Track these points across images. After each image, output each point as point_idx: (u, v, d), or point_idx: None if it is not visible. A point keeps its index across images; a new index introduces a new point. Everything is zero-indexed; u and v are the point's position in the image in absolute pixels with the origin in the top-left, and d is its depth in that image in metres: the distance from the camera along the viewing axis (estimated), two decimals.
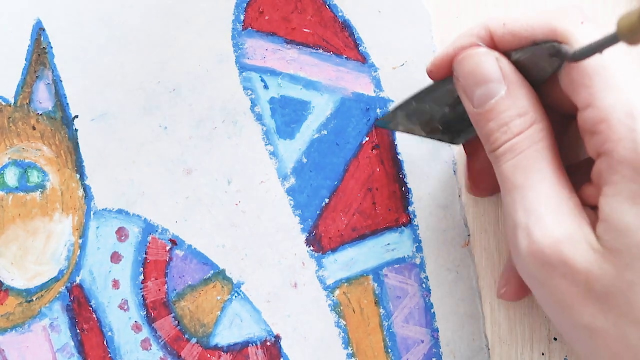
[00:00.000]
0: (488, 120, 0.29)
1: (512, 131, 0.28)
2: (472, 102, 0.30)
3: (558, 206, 0.27)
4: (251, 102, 0.36)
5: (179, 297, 0.36)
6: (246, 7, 0.36)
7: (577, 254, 0.26)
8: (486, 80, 0.29)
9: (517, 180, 0.28)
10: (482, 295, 0.36)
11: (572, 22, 0.27)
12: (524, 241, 0.27)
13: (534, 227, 0.27)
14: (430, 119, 0.33)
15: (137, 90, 0.36)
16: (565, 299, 0.27)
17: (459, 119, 0.33)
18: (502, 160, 0.28)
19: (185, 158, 0.36)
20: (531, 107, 0.28)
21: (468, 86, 0.30)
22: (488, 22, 0.30)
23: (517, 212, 0.28)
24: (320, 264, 0.36)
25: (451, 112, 0.33)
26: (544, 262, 0.27)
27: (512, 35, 0.29)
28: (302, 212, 0.36)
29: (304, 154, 0.36)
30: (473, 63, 0.29)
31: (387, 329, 0.36)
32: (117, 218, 0.36)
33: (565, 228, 0.27)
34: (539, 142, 0.28)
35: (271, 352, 0.36)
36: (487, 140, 0.29)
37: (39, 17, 0.36)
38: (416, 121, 0.33)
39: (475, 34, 0.30)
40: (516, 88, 0.29)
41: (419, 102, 0.33)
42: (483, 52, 0.29)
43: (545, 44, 0.28)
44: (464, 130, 0.33)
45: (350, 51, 0.36)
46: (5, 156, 0.36)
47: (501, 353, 0.36)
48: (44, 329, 0.36)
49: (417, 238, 0.36)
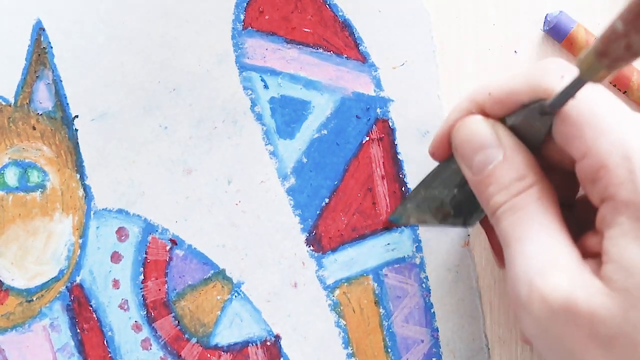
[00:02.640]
0: (487, 185, 0.29)
1: (512, 192, 0.28)
2: (471, 169, 0.30)
3: (559, 256, 0.27)
4: (251, 102, 0.36)
5: (179, 297, 0.36)
6: (246, 6, 0.36)
7: (580, 299, 0.26)
8: (483, 146, 0.29)
9: (516, 234, 0.28)
10: (482, 295, 0.36)
11: (553, 78, 0.28)
12: (525, 291, 0.27)
13: (536, 277, 0.27)
14: (440, 204, 0.33)
15: (137, 90, 0.36)
16: (569, 345, 0.26)
17: (469, 199, 0.33)
18: (502, 219, 0.28)
19: (185, 158, 0.36)
20: (529, 170, 0.28)
21: (466, 154, 0.30)
22: (474, 95, 0.30)
23: (517, 264, 0.27)
24: (320, 264, 0.36)
25: (460, 193, 0.33)
26: (547, 311, 0.26)
27: (500, 104, 0.29)
28: (302, 212, 0.36)
29: (304, 153, 0.36)
30: (469, 130, 0.30)
31: (387, 328, 0.36)
32: (117, 218, 0.36)
33: (567, 275, 0.26)
34: (539, 200, 0.28)
35: (271, 352, 0.36)
36: (487, 204, 0.29)
37: (39, 17, 0.36)
38: (427, 210, 0.34)
39: (466, 107, 0.30)
40: (513, 152, 0.29)
41: (427, 188, 0.33)
42: (478, 119, 0.30)
43: (532, 104, 0.28)
44: (476, 210, 0.33)
45: (351, 51, 0.36)
46: (6, 156, 0.36)
47: (501, 353, 0.36)
48: (44, 328, 0.36)
49: (417, 238, 0.36)
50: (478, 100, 0.30)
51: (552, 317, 0.26)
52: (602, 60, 0.22)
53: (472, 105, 0.30)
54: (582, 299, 0.26)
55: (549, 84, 0.28)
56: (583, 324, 0.26)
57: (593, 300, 0.26)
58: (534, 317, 0.27)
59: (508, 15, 0.37)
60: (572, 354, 0.26)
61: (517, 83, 0.29)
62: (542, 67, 0.28)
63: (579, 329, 0.26)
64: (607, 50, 0.22)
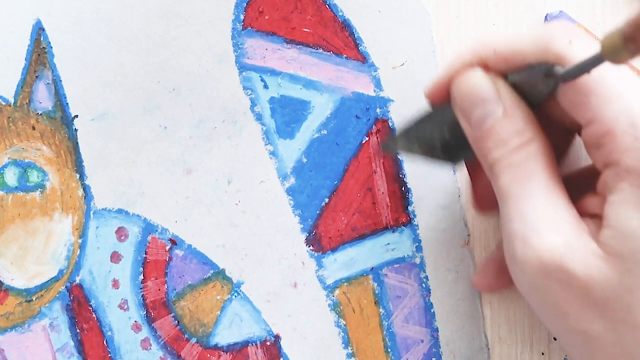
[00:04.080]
0: (486, 140, 0.29)
1: (510, 148, 0.28)
2: (469, 123, 0.30)
3: (555, 215, 0.27)
4: (251, 102, 0.36)
5: (178, 296, 0.36)
6: (246, 6, 0.36)
7: (575, 260, 0.26)
8: (483, 101, 0.29)
9: (513, 191, 0.28)
10: (482, 295, 0.36)
11: (561, 43, 0.27)
12: (520, 249, 0.27)
13: (531, 235, 0.27)
14: (430, 141, 0.33)
15: (137, 90, 0.36)
16: (562, 305, 0.27)
17: (459, 141, 0.33)
18: (500, 175, 0.29)
19: (185, 158, 0.36)
20: (528, 127, 0.29)
21: (465, 107, 0.30)
22: (477, 49, 0.30)
23: (513, 221, 0.28)
24: (320, 264, 0.36)
25: (451, 136, 0.33)
26: (541, 269, 0.27)
27: (504, 61, 0.29)
28: (302, 212, 0.36)
29: (304, 153, 0.36)
30: (470, 85, 0.30)
31: (387, 328, 0.36)
32: (117, 218, 0.36)
33: (562, 235, 0.27)
34: (537, 157, 0.28)
35: (271, 352, 0.36)
36: (485, 159, 0.29)
37: (39, 17, 0.36)
38: (416, 144, 0.33)
39: (468, 59, 0.30)
40: (513, 109, 0.29)
41: (419, 125, 0.33)
42: (479, 74, 0.30)
43: (538, 66, 0.28)
44: (464, 153, 0.33)
45: (350, 51, 0.36)
46: (5, 156, 0.36)
47: (501, 353, 0.36)
48: (44, 328, 0.36)
49: (417, 238, 0.36)
50: (481, 54, 0.30)
51: (546, 277, 0.27)
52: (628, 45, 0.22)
53: (475, 59, 0.30)
54: (578, 260, 0.26)
55: (557, 48, 0.27)
56: (577, 286, 0.26)
57: (588, 262, 0.26)
58: (528, 275, 0.27)
59: (508, 15, 0.37)
60: (565, 315, 0.27)
61: (524, 43, 0.28)
62: (551, 30, 0.28)
63: (573, 291, 0.26)
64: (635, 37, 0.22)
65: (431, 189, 0.36)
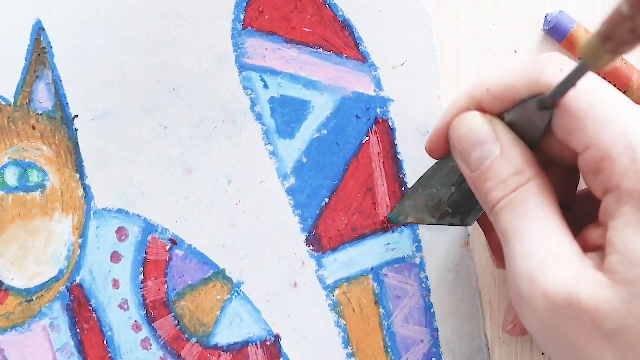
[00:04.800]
0: (485, 181, 0.29)
1: (510, 187, 0.28)
2: (469, 166, 0.30)
3: (559, 250, 0.27)
4: (251, 102, 0.36)
5: (179, 297, 0.36)
6: (246, 6, 0.36)
7: (583, 293, 0.25)
8: (480, 142, 0.29)
9: (516, 230, 0.28)
10: (482, 295, 0.36)
11: (551, 72, 0.27)
12: (526, 287, 0.27)
13: (536, 273, 0.26)
14: (438, 203, 0.33)
15: (137, 90, 0.36)
16: (572, 340, 0.26)
17: (467, 197, 0.33)
18: (501, 215, 0.28)
19: (185, 158, 0.36)
20: (527, 165, 0.28)
21: (464, 150, 0.30)
22: (472, 91, 0.30)
23: (517, 260, 0.27)
24: (320, 264, 0.36)
25: (458, 192, 0.33)
26: (548, 306, 0.26)
27: (498, 99, 0.29)
28: (302, 212, 0.36)
29: (304, 153, 0.36)
30: (466, 126, 0.30)
31: (387, 328, 0.36)
32: (117, 218, 0.36)
33: (568, 270, 0.26)
34: (538, 195, 0.28)
35: (271, 352, 0.36)
36: (486, 200, 0.29)
37: (39, 17, 0.36)
38: (425, 209, 0.34)
39: (464, 104, 0.30)
40: (511, 147, 0.29)
41: (425, 187, 0.33)
42: (475, 115, 0.30)
43: (531, 99, 0.28)
44: (473, 209, 0.33)
45: (351, 51, 0.36)
46: (5, 156, 0.36)
47: (501, 353, 0.36)
48: (44, 328, 0.36)
49: (417, 238, 0.36)
50: (476, 96, 0.30)
51: (555, 313, 0.26)
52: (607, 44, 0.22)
53: (470, 102, 0.30)
54: (585, 293, 0.25)
55: (548, 78, 0.27)
56: (586, 319, 0.25)
57: (596, 294, 0.25)
58: (536, 313, 0.27)
59: (508, 15, 0.37)
60: (575, 349, 0.26)
61: (515, 78, 0.28)
62: (540, 61, 0.28)
63: (582, 324, 0.26)
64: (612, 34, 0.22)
65: None
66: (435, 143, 0.32)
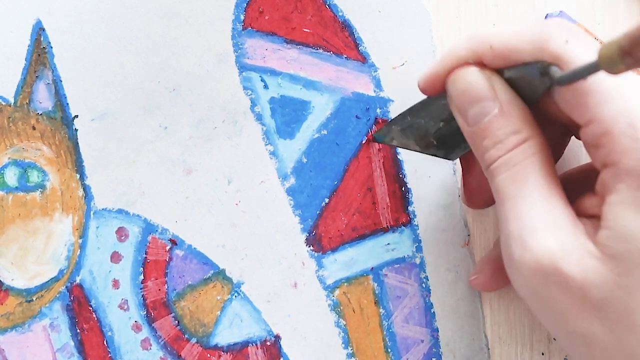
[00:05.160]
0: (483, 138, 0.29)
1: (507, 147, 0.28)
2: (466, 120, 0.30)
3: (552, 216, 0.27)
4: (251, 102, 0.36)
5: (179, 297, 0.36)
6: (246, 7, 0.36)
7: (572, 262, 0.26)
8: (479, 99, 0.29)
9: (510, 192, 0.28)
10: (482, 295, 0.36)
11: (557, 42, 0.27)
12: (517, 251, 0.27)
13: (528, 237, 0.27)
14: (425, 133, 0.33)
15: (137, 90, 0.36)
16: (560, 308, 0.27)
17: (454, 133, 0.33)
18: (497, 174, 0.28)
19: (185, 158, 0.36)
20: (525, 125, 0.29)
21: (461, 105, 0.30)
22: (474, 45, 0.30)
23: (510, 222, 0.28)
24: (320, 264, 0.36)
25: (445, 127, 0.33)
26: (538, 272, 0.26)
27: (501, 58, 0.29)
28: (302, 212, 0.36)
29: (304, 153, 0.36)
30: (466, 82, 0.29)
31: (387, 328, 0.36)
32: (117, 218, 0.36)
33: (559, 237, 0.26)
34: (533, 156, 0.28)
35: (271, 352, 0.36)
36: (482, 157, 0.29)
37: (39, 17, 0.36)
38: (411, 135, 0.34)
39: (464, 55, 0.30)
40: (509, 106, 0.29)
41: (414, 116, 0.33)
42: (475, 71, 0.29)
43: (534, 65, 0.28)
44: (459, 145, 0.33)
45: (350, 51, 0.36)
46: (5, 156, 0.36)
47: (501, 353, 0.36)
48: (44, 328, 0.36)
49: (417, 238, 0.36)
50: (477, 50, 0.29)
51: (544, 279, 0.26)
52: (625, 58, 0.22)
53: (470, 55, 0.30)
54: (574, 262, 0.26)
55: (554, 48, 0.27)
56: (574, 288, 0.26)
57: (585, 264, 0.26)
58: (525, 277, 0.27)
59: (508, 15, 0.37)
60: (563, 317, 0.27)
61: (521, 41, 0.28)
62: (547, 29, 0.28)
63: (570, 292, 0.26)
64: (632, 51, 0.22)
65: (431, 189, 0.36)
66: (429, 84, 0.31)
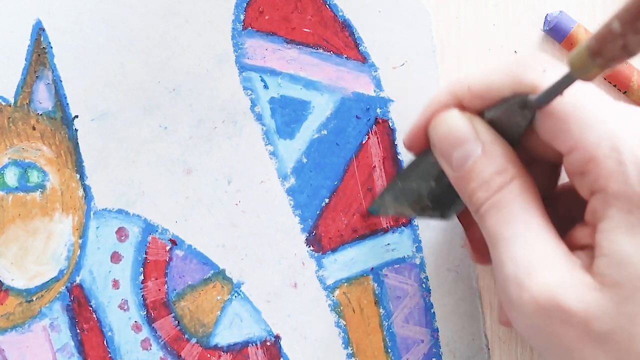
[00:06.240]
0: (469, 182, 0.29)
1: (493, 188, 0.28)
2: (451, 166, 0.29)
3: (546, 254, 0.27)
4: (251, 102, 0.36)
5: (179, 297, 0.36)
6: (246, 7, 0.36)
7: (572, 297, 0.26)
8: (461, 141, 0.29)
9: (502, 234, 0.27)
10: (482, 295, 0.36)
11: (534, 72, 0.27)
12: (515, 292, 0.27)
13: (524, 277, 0.26)
14: (418, 197, 0.33)
15: (137, 90, 0.36)
16: (565, 344, 0.26)
17: (447, 191, 0.32)
18: (487, 217, 0.28)
19: (185, 158, 0.36)
20: (509, 163, 0.28)
21: (445, 150, 0.29)
22: (453, 88, 0.30)
23: (505, 265, 0.27)
24: (320, 264, 0.36)
25: (438, 186, 0.32)
26: (538, 311, 0.26)
27: (480, 98, 0.29)
28: (302, 212, 0.36)
29: (304, 154, 0.36)
30: (446, 126, 0.29)
31: (387, 329, 0.36)
32: (117, 218, 0.36)
33: (555, 274, 0.26)
34: (522, 195, 0.28)
35: (271, 352, 0.36)
36: (470, 201, 0.29)
37: (39, 17, 0.36)
38: (404, 202, 0.33)
39: (444, 101, 0.30)
40: (492, 146, 0.28)
41: (404, 180, 0.33)
42: (455, 114, 0.29)
43: (513, 98, 0.28)
44: (454, 203, 0.33)
45: (351, 51, 0.36)
46: (5, 156, 0.36)
47: (501, 353, 0.36)
48: (44, 329, 0.36)
49: (417, 238, 0.36)
50: (456, 93, 0.29)
51: (545, 317, 0.26)
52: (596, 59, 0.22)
53: (450, 99, 0.30)
54: (574, 297, 0.26)
55: (531, 78, 0.27)
56: (577, 322, 0.25)
57: (584, 296, 0.25)
58: (526, 317, 0.27)
59: (508, 15, 0.37)
60: (568, 352, 0.26)
61: (497, 77, 0.28)
62: (523, 61, 0.28)
63: (573, 328, 0.26)
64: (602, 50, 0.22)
65: None
66: (414, 139, 0.31)
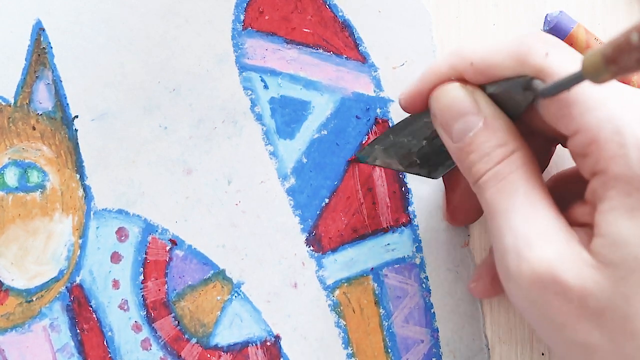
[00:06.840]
0: (469, 153, 0.29)
1: (494, 160, 0.28)
2: (450, 136, 0.30)
3: (545, 226, 0.27)
4: (251, 102, 0.36)
5: (179, 297, 0.36)
6: (246, 7, 0.36)
7: (569, 271, 0.26)
8: (463, 114, 0.29)
9: (502, 205, 0.28)
10: None
11: (537, 55, 0.27)
12: (514, 263, 0.27)
13: (523, 248, 0.27)
14: (408, 152, 0.33)
15: (137, 90, 0.36)
16: (559, 318, 0.26)
17: (437, 152, 0.33)
18: (486, 188, 0.28)
19: (185, 158, 0.36)
20: (510, 137, 0.29)
21: (446, 121, 0.30)
22: (454, 62, 0.30)
23: (504, 235, 0.27)
24: (320, 264, 0.36)
25: (428, 146, 0.32)
26: (536, 282, 0.26)
27: (482, 74, 0.29)
28: (302, 212, 0.36)
29: (304, 154, 0.36)
30: (449, 98, 0.29)
31: (387, 329, 0.36)
32: (117, 218, 0.36)
33: (554, 247, 0.26)
34: (522, 168, 0.28)
35: (271, 352, 0.36)
36: (470, 172, 0.29)
37: (39, 17, 0.36)
38: (394, 155, 0.33)
39: (445, 72, 0.30)
40: (493, 120, 0.29)
41: (397, 135, 0.33)
42: (458, 87, 0.29)
43: (516, 80, 0.28)
44: (442, 164, 0.33)
45: (350, 51, 0.36)
46: (5, 156, 0.36)
47: (501, 353, 0.36)
48: (44, 329, 0.36)
49: (417, 238, 0.36)
50: (458, 67, 0.30)
51: (542, 289, 0.26)
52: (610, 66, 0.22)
53: (451, 72, 0.30)
54: (571, 271, 0.26)
55: (535, 61, 0.27)
56: (573, 297, 0.26)
57: (582, 273, 0.26)
58: (523, 288, 0.27)
59: (508, 15, 0.37)
60: (562, 327, 0.27)
61: (501, 57, 0.28)
62: (527, 42, 0.28)
63: (568, 302, 0.26)
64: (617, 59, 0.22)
65: (431, 189, 0.36)
66: (411, 102, 0.31)
